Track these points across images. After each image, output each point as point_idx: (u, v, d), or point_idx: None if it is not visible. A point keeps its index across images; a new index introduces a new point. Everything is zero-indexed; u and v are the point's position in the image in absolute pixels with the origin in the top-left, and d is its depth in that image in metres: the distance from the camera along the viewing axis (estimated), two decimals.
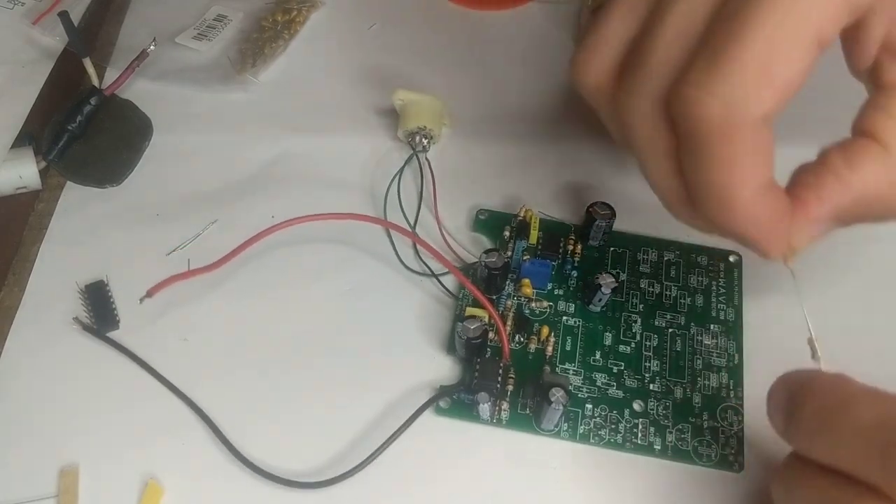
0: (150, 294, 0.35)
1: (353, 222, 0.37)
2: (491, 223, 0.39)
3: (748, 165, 0.25)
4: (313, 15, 0.49)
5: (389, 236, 0.39)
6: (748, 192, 0.25)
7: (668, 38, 0.26)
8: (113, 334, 0.36)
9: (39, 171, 0.41)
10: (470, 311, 0.35)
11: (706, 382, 0.34)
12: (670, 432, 0.33)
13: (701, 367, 0.34)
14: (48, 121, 0.42)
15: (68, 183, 0.41)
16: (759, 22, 0.24)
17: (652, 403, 0.33)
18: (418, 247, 0.38)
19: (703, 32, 0.25)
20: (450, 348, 0.35)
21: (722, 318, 0.36)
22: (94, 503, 0.32)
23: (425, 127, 0.40)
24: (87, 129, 0.42)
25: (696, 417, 0.33)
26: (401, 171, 0.41)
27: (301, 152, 0.42)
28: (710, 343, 0.35)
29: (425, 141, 0.41)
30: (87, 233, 0.39)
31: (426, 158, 0.41)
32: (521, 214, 0.38)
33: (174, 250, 0.39)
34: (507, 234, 0.38)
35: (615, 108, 0.28)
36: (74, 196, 0.41)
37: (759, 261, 0.37)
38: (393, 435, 0.32)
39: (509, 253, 0.37)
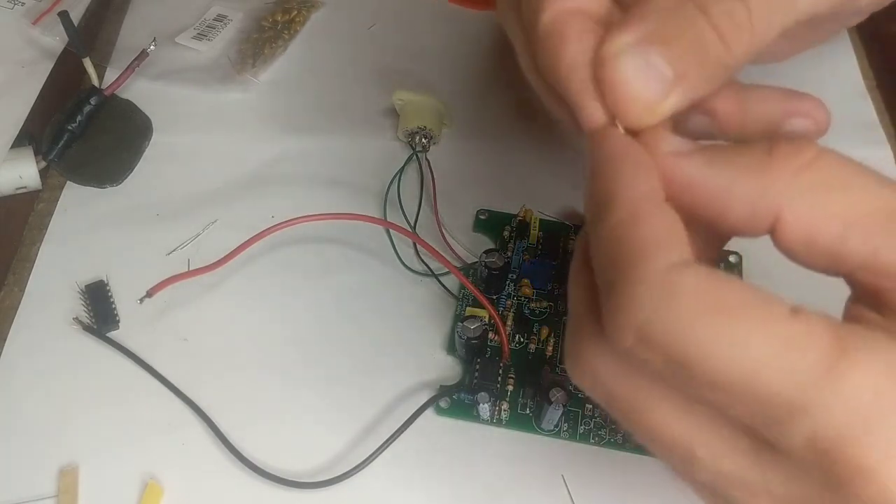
0: (150, 294, 0.35)
1: (353, 222, 0.37)
2: (491, 223, 0.39)
3: None
4: (313, 15, 0.49)
5: (389, 236, 0.39)
6: (552, 9, 0.24)
7: None
8: (113, 334, 0.36)
9: (39, 171, 0.41)
10: (470, 311, 0.35)
11: None
12: None
13: None
14: (48, 121, 0.42)
15: (68, 183, 0.41)
16: None
17: None
18: (418, 247, 0.38)
19: None
20: (450, 348, 0.35)
21: None
22: (94, 503, 0.31)
23: (425, 127, 0.41)
24: (87, 129, 0.42)
25: None
26: (401, 171, 0.41)
27: (301, 152, 0.42)
28: None
29: (425, 141, 0.41)
30: (87, 233, 0.39)
31: (426, 158, 0.41)
32: (521, 215, 0.38)
33: (174, 250, 0.39)
34: (507, 234, 0.38)
35: None
36: (74, 196, 0.41)
37: (759, 261, 0.37)
38: (393, 435, 0.32)
39: (509, 253, 0.37)
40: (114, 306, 0.36)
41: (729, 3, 0.22)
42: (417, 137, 0.41)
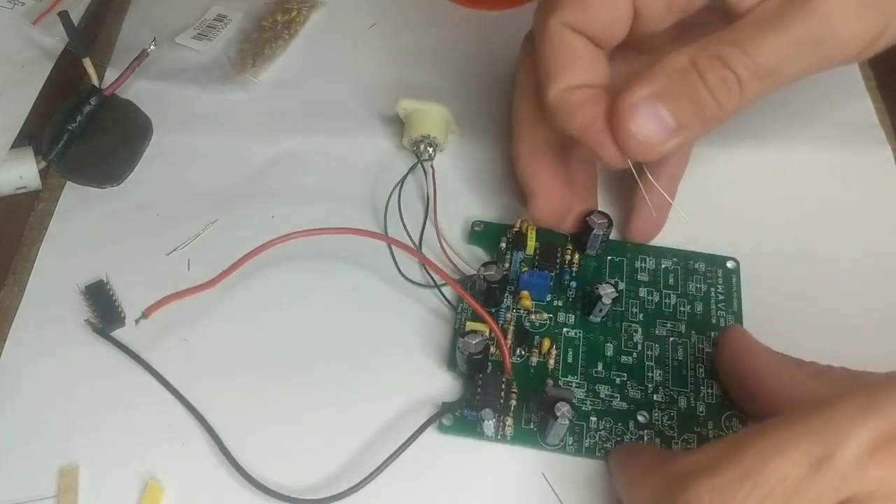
0: (145, 315, 0.35)
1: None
2: (486, 234, 0.38)
3: (554, 64, 0.31)
4: (313, 15, 0.49)
5: (390, 247, 0.38)
6: (555, 88, 0.31)
7: None
8: (113, 335, 0.35)
9: (39, 171, 0.41)
10: (470, 325, 0.34)
11: (709, 391, 0.33)
12: (676, 443, 0.32)
13: (704, 375, 0.34)
14: (48, 121, 0.42)
15: (68, 183, 0.41)
16: None
17: (657, 414, 0.33)
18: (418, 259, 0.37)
19: None
20: (450, 364, 0.34)
21: (722, 324, 0.35)
22: (94, 503, 0.32)
23: (429, 135, 0.40)
24: (87, 129, 0.42)
25: (701, 427, 0.33)
26: (402, 180, 0.40)
27: (301, 152, 0.42)
28: (711, 351, 0.34)
29: (430, 149, 0.40)
30: (87, 233, 0.39)
31: (431, 166, 0.40)
32: (518, 225, 0.37)
33: (174, 250, 0.39)
34: (503, 245, 0.37)
35: None
36: (74, 196, 0.41)
37: (757, 266, 0.37)
38: (394, 453, 0.31)
39: (507, 265, 0.36)
40: (118, 304, 0.36)
41: (722, 73, 0.28)
42: (422, 146, 0.40)
